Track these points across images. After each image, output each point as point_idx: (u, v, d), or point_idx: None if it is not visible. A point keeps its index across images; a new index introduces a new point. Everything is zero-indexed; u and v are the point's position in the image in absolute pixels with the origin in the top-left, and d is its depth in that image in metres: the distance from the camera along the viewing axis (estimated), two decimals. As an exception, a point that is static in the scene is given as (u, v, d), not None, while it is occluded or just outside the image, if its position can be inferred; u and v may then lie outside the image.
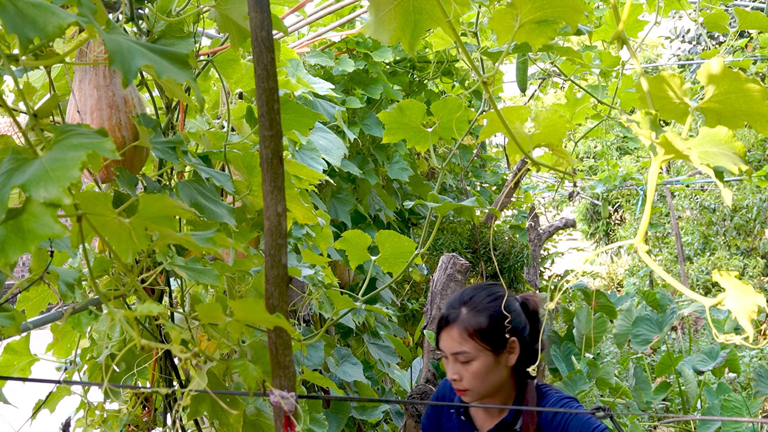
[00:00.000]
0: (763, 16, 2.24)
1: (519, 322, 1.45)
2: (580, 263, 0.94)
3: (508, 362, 1.43)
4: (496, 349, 1.41)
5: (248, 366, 0.90)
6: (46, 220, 0.60)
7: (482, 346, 1.40)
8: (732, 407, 3.30)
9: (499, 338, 1.41)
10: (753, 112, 0.82)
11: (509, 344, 1.43)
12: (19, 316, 0.97)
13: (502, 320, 1.41)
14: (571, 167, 1.31)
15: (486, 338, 1.41)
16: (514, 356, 1.43)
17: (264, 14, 0.82)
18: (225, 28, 1.19)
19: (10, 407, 1.13)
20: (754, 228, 9.30)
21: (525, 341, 1.45)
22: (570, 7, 0.99)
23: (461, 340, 1.41)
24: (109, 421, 1.35)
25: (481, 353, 1.40)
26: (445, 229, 4.28)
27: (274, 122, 0.82)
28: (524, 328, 1.46)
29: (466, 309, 1.44)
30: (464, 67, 3.74)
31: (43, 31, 0.62)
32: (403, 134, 1.55)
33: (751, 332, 0.65)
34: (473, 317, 1.42)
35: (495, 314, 1.42)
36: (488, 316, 1.42)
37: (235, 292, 1.36)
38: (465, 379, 1.41)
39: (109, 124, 1.14)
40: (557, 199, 11.59)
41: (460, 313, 1.44)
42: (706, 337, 6.41)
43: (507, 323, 1.40)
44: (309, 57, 2.63)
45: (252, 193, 1.38)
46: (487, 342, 1.41)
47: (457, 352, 1.41)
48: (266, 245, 0.84)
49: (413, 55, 1.75)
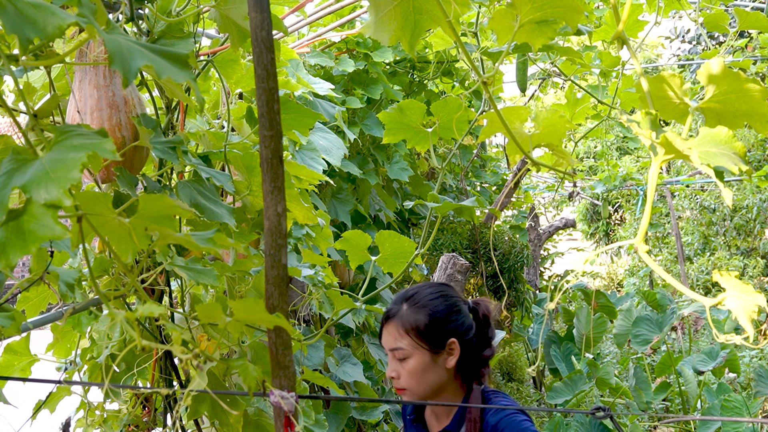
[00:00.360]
0: (763, 16, 2.24)
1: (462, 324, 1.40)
2: (580, 263, 0.94)
3: (447, 364, 1.38)
4: (434, 349, 1.37)
5: (248, 366, 0.90)
6: (46, 221, 0.60)
7: (418, 343, 1.36)
8: (732, 407, 3.30)
9: (436, 337, 1.37)
10: (753, 112, 0.82)
11: (448, 345, 1.38)
12: (19, 316, 0.97)
13: (442, 320, 1.37)
14: (571, 167, 1.31)
15: (423, 336, 1.36)
16: (454, 358, 1.38)
17: (264, 14, 0.82)
18: (225, 28, 1.20)
19: (10, 407, 1.13)
20: (754, 228, 9.30)
21: (470, 345, 1.40)
22: (570, 7, 0.99)
23: (398, 336, 1.38)
24: (109, 421, 1.35)
25: (417, 351, 1.36)
26: (445, 229, 4.28)
27: (274, 122, 0.82)
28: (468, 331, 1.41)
29: (407, 305, 1.40)
30: (464, 67, 3.74)
31: (43, 31, 0.62)
32: (403, 134, 1.55)
33: (752, 332, 0.65)
34: (412, 314, 1.38)
35: (435, 313, 1.38)
36: (427, 314, 1.38)
37: (235, 292, 1.36)
38: (402, 378, 1.37)
39: (109, 124, 1.14)
40: (557, 199, 11.59)
41: (400, 308, 1.40)
42: (706, 337, 6.41)
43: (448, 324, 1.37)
44: (309, 57, 2.63)
45: (252, 193, 1.38)
46: (424, 340, 1.36)
47: (393, 348, 1.38)
48: (266, 245, 0.84)
49: (413, 55, 1.75)
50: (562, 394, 3.77)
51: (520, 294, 4.64)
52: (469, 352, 1.41)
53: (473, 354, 1.41)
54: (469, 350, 1.41)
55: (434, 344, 1.37)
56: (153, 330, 1.41)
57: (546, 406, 4.28)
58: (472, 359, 1.41)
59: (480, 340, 1.43)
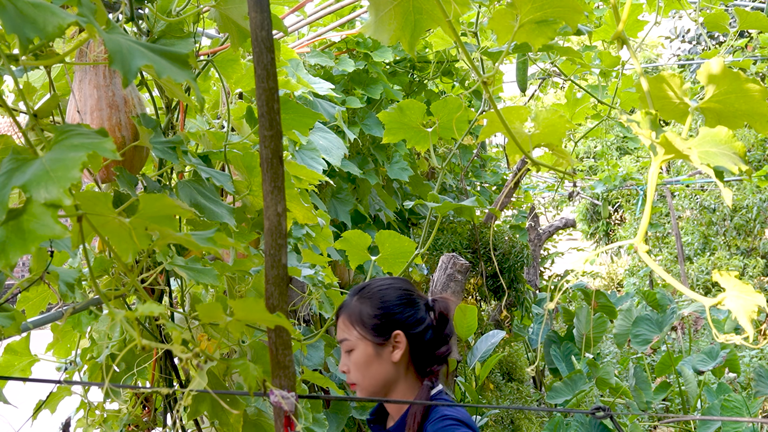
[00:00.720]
0: (763, 16, 2.24)
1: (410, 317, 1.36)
2: (580, 263, 0.94)
3: (392, 357, 1.33)
4: (377, 341, 1.33)
5: (248, 366, 0.90)
6: (46, 220, 0.60)
7: (361, 334, 1.33)
8: (732, 407, 3.30)
9: (380, 329, 1.33)
10: (753, 112, 0.82)
11: (394, 337, 1.33)
12: (19, 316, 0.97)
13: (387, 312, 1.34)
14: (571, 167, 1.31)
15: (366, 327, 1.33)
16: (399, 351, 1.33)
17: (264, 14, 0.82)
18: (225, 28, 1.20)
19: (10, 407, 1.13)
20: (754, 228, 9.30)
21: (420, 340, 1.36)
22: (570, 7, 0.99)
23: (344, 327, 1.36)
24: (109, 421, 1.35)
25: (361, 342, 1.33)
26: (445, 229, 4.28)
27: (274, 122, 0.82)
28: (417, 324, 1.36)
29: (357, 297, 1.38)
30: (464, 67, 3.74)
31: (43, 31, 0.62)
32: (403, 134, 1.55)
33: (751, 332, 0.65)
34: (358, 305, 1.36)
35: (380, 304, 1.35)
36: (372, 305, 1.35)
37: (235, 292, 1.36)
38: (351, 371, 1.35)
39: (109, 124, 1.14)
40: (557, 199, 11.59)
41: (351, 301, 1.38)
42: (706, 337, 6.42)
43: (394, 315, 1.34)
44: (309, 57, 2.63)
45: (252, 193, 1.38)
46: (368, 331, 1.33)
47: (340, 339, 1.36)
48: (266, 245, 0.84)
49: (413, 55, 1.75)
50: (562, 394, 3.77)
51: (520, 294, 4.64)
52: (420, 348, 1.36)
53: (425, 350, 1.36)
54: (420, 345, 1.36)
55: (378, 335, 1.33)
56: (153, 330, 1.41)
57: (546, 406, 4.28)
58: (423, 355, 1.36)
59: (435, 337, 1.38)
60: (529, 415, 4.81)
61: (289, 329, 0.83)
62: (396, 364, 1.34)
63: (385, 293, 1.37)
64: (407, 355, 1.35)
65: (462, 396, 3.70)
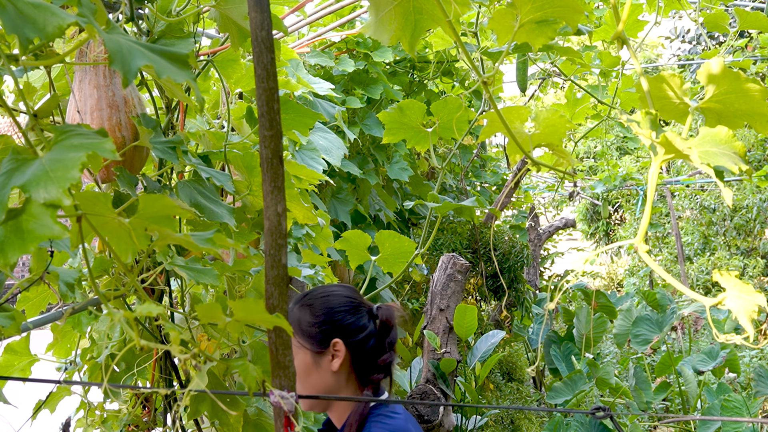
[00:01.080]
0: (763, 16, 2.24)
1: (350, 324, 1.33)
2: (580, 263, 0.94)
3: (331, 366, 1.30)
4: (315, 349, 1.30)
5: (248, 366, 0.90)
6: (45, 220, 0.60)
7: (300, 343, 1.31)
8: (732, 407, 3.30)
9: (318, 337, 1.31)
10: (753, 112, 0.82)
11: (333, 345, 1.30)
12: (19, 316, 0.97)
13: (325, 319, 1.31)
14: (571, 167, 1.31)
15: (304, 334, 1.31)
16: (339, 360, 1.30)
17: (264, 14, 0.82)
18: (225, 28, 1.20)
19: (10, 407, 1.13)
20: (754, 228, 9.31)
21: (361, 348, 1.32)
22: (570, 7, 0.99)
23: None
24: (109, 421, 1.35)
25: (299, 351, 1.31)
26: (445, 229, 4.28)
27: (274, 122, 0.82)
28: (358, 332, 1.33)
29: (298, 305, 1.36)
30: (464, 67, 3.75)
31: (43, 31, 0.62)
32: (403, 134, 1.55)
33: (752, 332, 0.65)
34: (298, 313, 1.34)
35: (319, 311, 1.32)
36: (310, 313, 1.33)
37: (235, 292, 1.36)
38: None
39: (109, 124, 1.14)
40: (557, 199, 11.59)
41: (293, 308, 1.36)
42: (706, 337, 6.42)
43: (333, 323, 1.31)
44: (309, 57, 2.63)
45: (252, 193, 1.38)
46: (305, 338, 1.31)
47: None
48: (266, 245, 0.84)
49: (413, 55, 1.75)
50: (562, 394, 3.77)
51: (520, 294, 4.64)
52: (361, 356, 1.32)
53: (366, 358, 1.33)
54: (361, 354, 1.32)
55: (316, 344, 1.31)
56: (153, 330, 1.41)
57: (546, 406, 4.28)
58: (364, 364, 1.33)
59: (377, 345, 1.34)
60: (529, 415, 4.82)
61: (289, 330, 0.83)
62: (335, 374, 1.31)
63: (324, 301, 1.34)
64: (348, 363, 1.31)
65: (462, 396, 3.70)
